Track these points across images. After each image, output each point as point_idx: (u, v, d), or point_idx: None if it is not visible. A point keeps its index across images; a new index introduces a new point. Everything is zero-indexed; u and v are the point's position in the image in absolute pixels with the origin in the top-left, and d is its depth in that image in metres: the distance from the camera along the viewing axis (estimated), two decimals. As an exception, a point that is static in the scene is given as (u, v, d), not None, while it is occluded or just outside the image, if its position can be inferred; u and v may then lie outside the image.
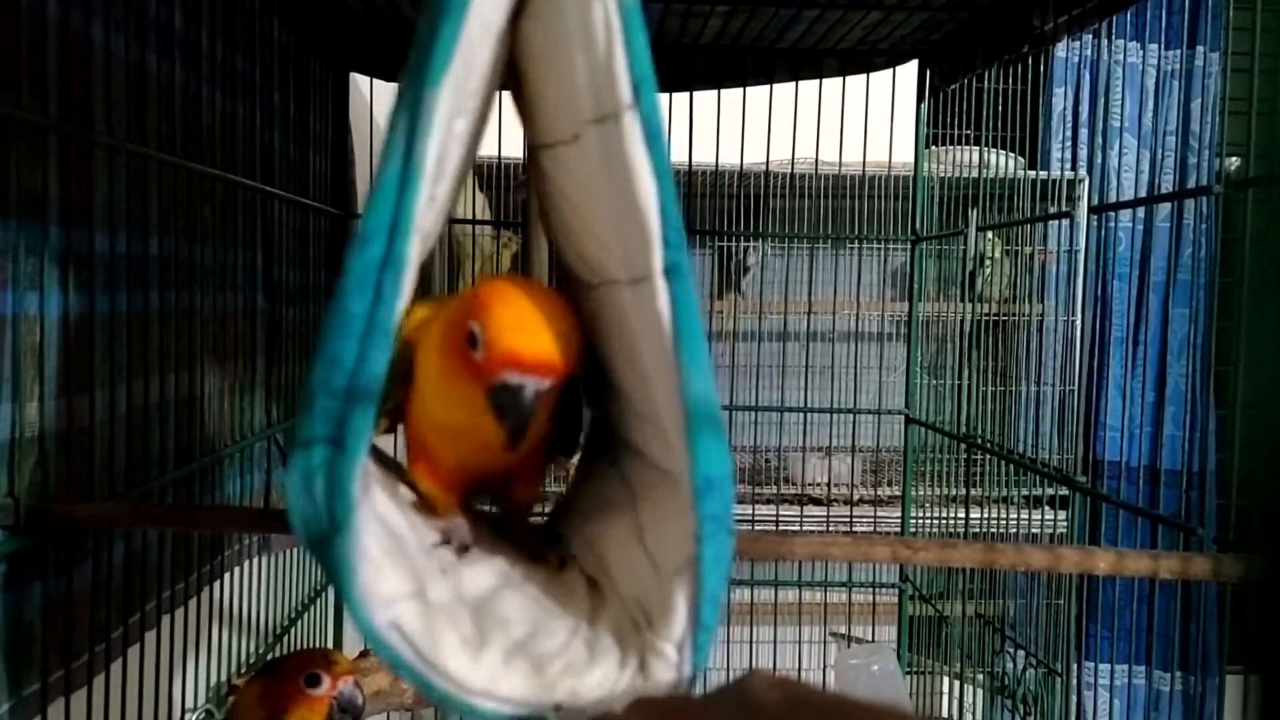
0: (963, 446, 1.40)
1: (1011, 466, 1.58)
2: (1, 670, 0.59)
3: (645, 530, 0.47)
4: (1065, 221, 1.91)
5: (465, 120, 0.44)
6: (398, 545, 0.45)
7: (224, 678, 1.02)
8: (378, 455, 0.54)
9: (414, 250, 0.41)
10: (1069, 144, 2.23)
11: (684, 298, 0.40)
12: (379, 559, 0.42)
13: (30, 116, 0.60)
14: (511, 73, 0.52)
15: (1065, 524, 1.89)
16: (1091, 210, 1.39)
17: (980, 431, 1.85)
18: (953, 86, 1.32)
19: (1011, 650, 1.46)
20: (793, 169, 1.86)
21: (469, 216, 1.54)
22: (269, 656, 1.10)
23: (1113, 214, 2.15)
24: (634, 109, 0.40)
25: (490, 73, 0.47)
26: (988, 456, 1.46)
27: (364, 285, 0.40)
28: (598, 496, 0.54)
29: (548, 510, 0.62)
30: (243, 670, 1.05)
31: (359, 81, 1.39)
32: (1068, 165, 2.20)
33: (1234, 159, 2.06)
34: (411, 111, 0.40)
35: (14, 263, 0.61)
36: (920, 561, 0.57)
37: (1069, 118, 2.24)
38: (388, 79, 1.35)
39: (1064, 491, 1.87)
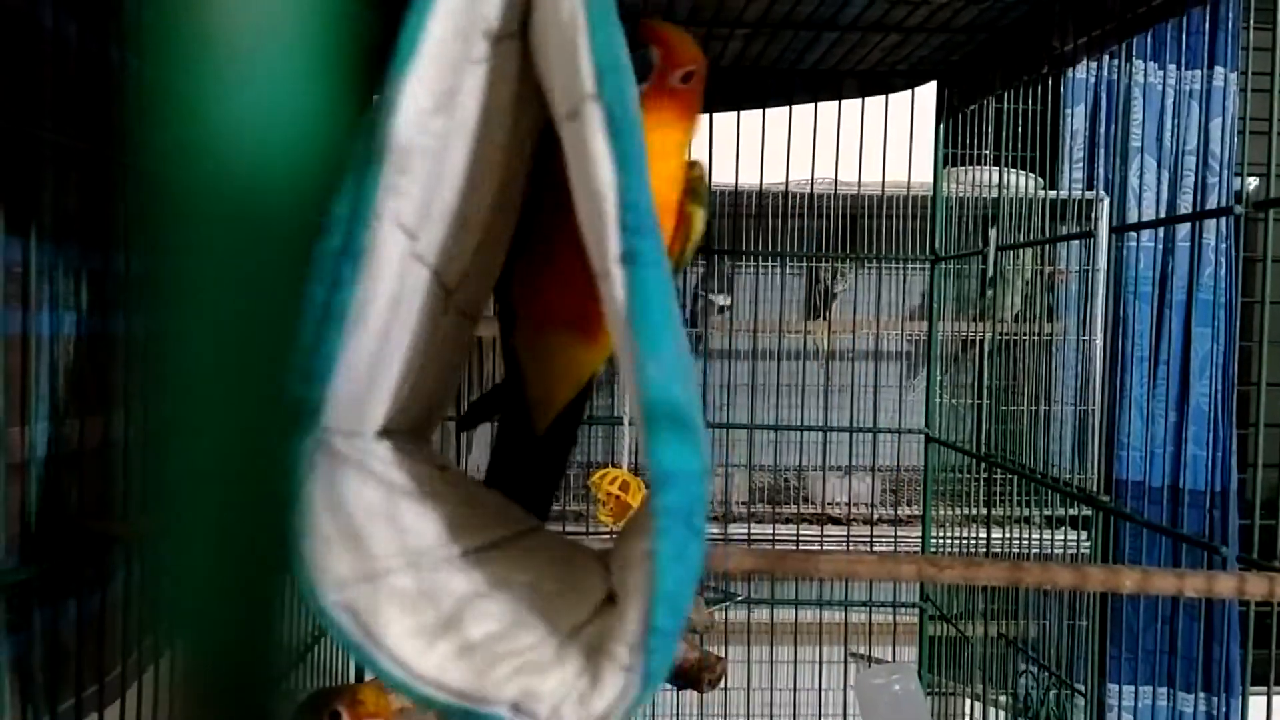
0: (983, 466, 1.40)
1: (1032, 486, 1.57)
2: (40, 687, 0.60)
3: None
4: (1083, 241, 1.91)
5: (444, 121, 0.45)
6: (369, 531, 0.44)
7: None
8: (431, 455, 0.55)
9: (380, 239, 0.42)
10: (1084, 164, 2.24)
11: (645, 287, 0.39)
12: (334, 539, 0.42)
13: (58, 138, 0.62)
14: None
15: (1087, 544, 1.88)
16: (1113, 230, 1.39)
17: (1001, 451, 1.85)
18: (971, 107, 1.33)
19: (1033, 671, 1.46)
20: (812, 189, 1.87)
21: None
22: (290, 676, 1.10)
23: (1132, 233, 2.15)
24: (597, 99, 0.40)
25: (493, 87, 0.47)
26: (1008, 476, 1.46)
27: (323, 273, 0.41)
28: (643, 512, 0.54)
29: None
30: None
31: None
32: (1084, 185, 2.20)
33: (1253, 179, 2.06)
34: (377, 107, 0.42)
35: (50, 283, 0.62)
36: (946, 580, 0.58)
37: (1085, 138, 2.24)
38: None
39: (1085, 511, 1.86)
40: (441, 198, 0.49)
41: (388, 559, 0.44)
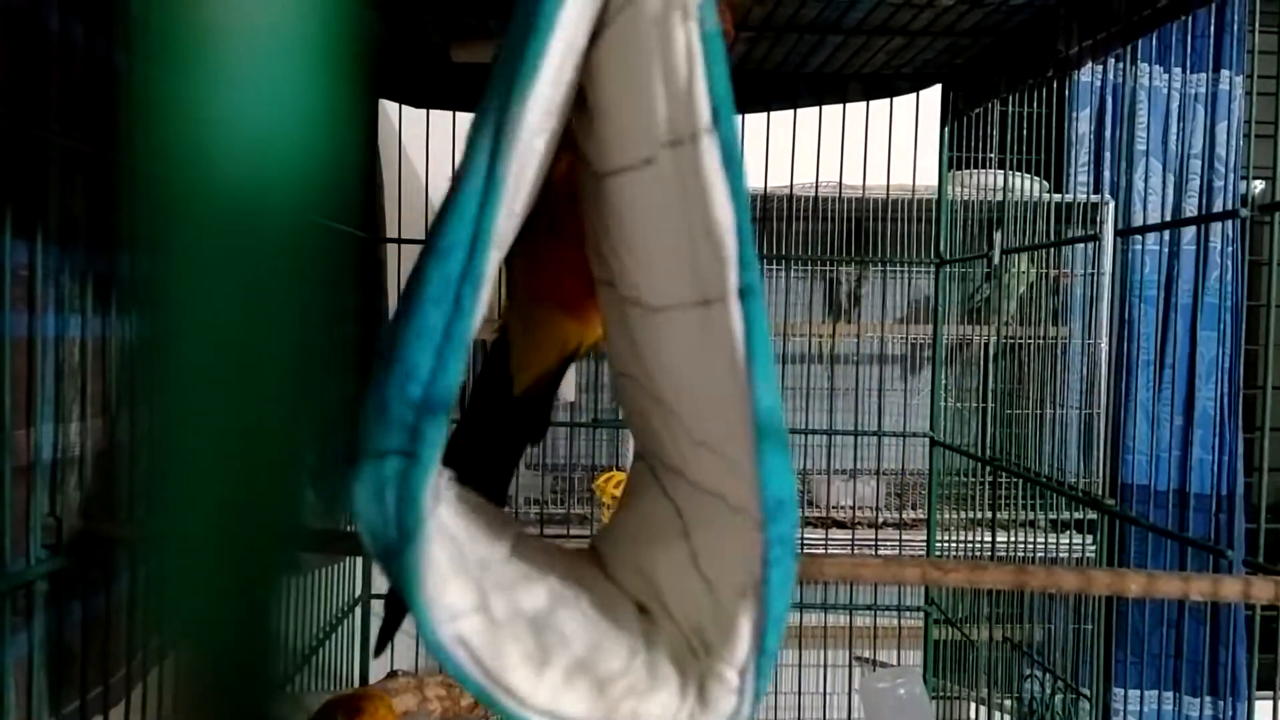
0: (988, 470, 1.39)
1: (1037, 490, 1.57)
2: (44, 689, 0.60)
3: (699, 556, 0.46)
4: (1089, 244, 1.91)
5: (544, 139, 0.45)
6: (463, 558, 0.45)
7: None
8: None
9: (492, 264, 0.42)
10: (1089, 167, 2.23)
11: (757, 319, 0.40)
12: (446, 571, 0.42)
13: (64, 140, 0.62)
14: (576, 100, 0.53)
15: (1093, 548, 1.88)
16: (1118, 233, 1.39)
17: (1006, 454, 1.84)
18: (976, 110, 1.32)
19: (1039, 675, 1.45)
20: (817, 192, 1.86)
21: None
22: (296, 678, 1.11)
23: (1137, 236, 2.15)
24: (712, 132, 0.40)
25: (567, 103, 0.48)
26: (1013, 479, 1.46)
27: (443, 298, 0.40)
28: (646, 525, 0.54)
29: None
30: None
31: (387, 108, 1.41)
32: (1090, 189, 2.20)
33: (1259, 182, 2.05)
34: (496, 128, 0.41)
35: (55, 286, 0.62)
36: (951, 583, 0.58)
37: (1091, 141, 2.24)
38: (415, 105, 1.37)
39: (1091, 515, 1.86)
40: (521, 205, 0.49)
41: (480, 581, 0.44)
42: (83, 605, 0.65)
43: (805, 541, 1.80)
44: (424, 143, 1.38)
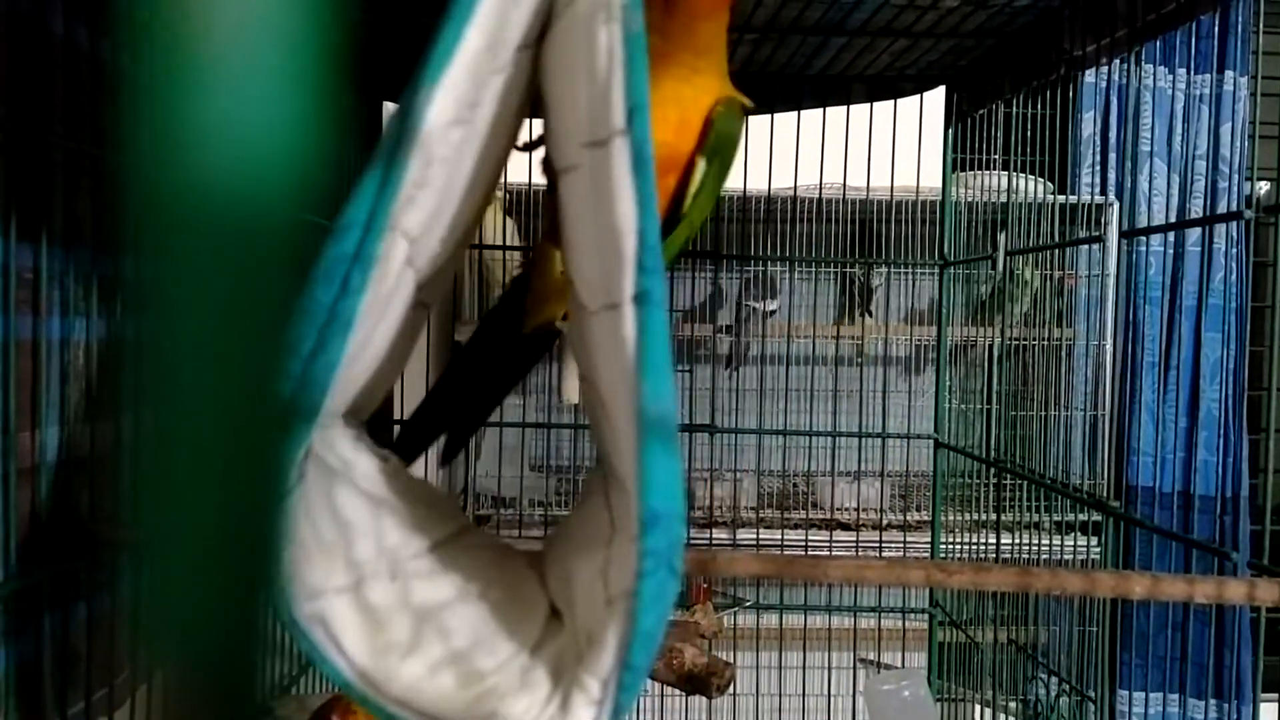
0: (993, 471, 1.39)
1: (1042, 492, 1.57)
2: (50, 692, 0.60)
3: (610, 565, 0.46)
4: (1093, 246, 1.91)
5: (463, 131, 0.45)
6: (344, 541, 0.44)
7: (259, 700, 1.02)
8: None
9: (389, 247, 0.42)
10: (1098, 169, 2.23)
11: (651, 324, 0.40)
12: (311, 547, 0.41)
13: (68, 143, 0.62)
14: (543, 102, 0.53)
15: (1097, 550, 1.87)
16: (1122, 235, 1.38)
17: (1011, 456, 1.84)
18: (980, 112, 1.32)
19: (1044, 677, 1.45)
20: (820, 194, 1.86)
21: (498, 242, 1.56)
22: (300, 679, 1.11)
23: (1142, 238, 2.15)
24: (625, 134, 0.40)
25: (506, 95, 0.47)
26: (1018, 481, 1.46)
27: (332, 277, 0.40)
28: (585, 531, 0.53)
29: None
30: (276, 693, 1.06)
31: (390, 111, 1.41)
32: (1096, 190, 2.20)
33: (1264, 184, 2.05)
34: (403, 113, 0.41)
35: (60, 289, 0.62)
36: (955, 585, 0.57)
37: (1096, 142, 2.24)
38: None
39: (1095, 517, 1.85)
40: (445, 207, 0.48)
41: (362, 566, 0.43)
42: (87, 606, 0.65)
43: (810, 544, 1.80)
44: (428, 145, 1.38)
